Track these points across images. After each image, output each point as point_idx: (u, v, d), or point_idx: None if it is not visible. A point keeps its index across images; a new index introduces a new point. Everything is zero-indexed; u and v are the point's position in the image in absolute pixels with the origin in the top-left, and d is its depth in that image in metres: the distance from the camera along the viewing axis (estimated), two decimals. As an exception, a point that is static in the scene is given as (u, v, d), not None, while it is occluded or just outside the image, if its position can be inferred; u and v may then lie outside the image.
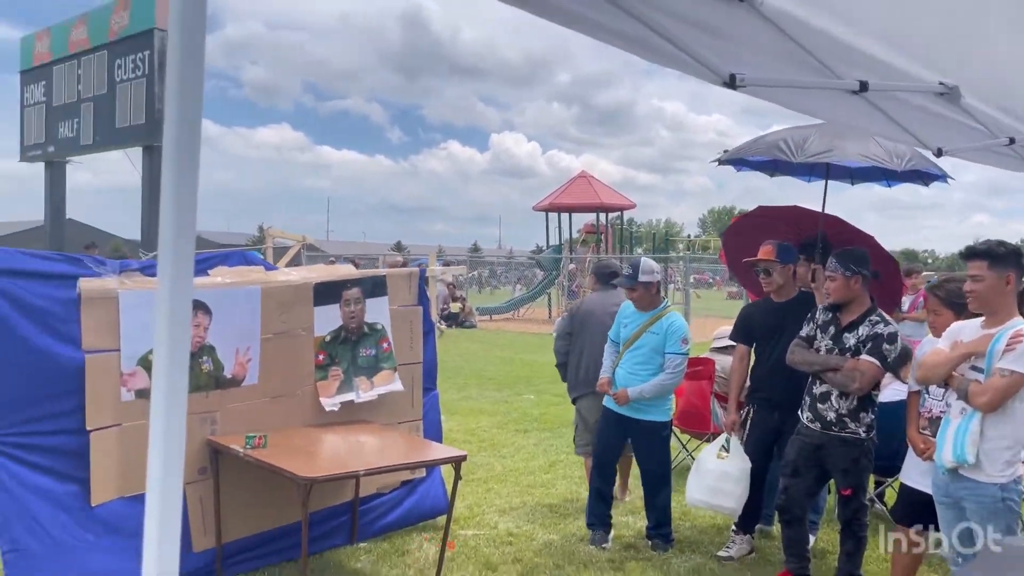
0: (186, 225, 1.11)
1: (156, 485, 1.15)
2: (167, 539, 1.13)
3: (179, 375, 1.14)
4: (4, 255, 3.82)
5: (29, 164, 15.58)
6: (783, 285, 4.87)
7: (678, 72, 1.95)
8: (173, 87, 1.12)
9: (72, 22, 13.95)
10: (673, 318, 5.01)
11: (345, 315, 4.85)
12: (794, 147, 5.62)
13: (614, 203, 26.09)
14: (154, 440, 1.15)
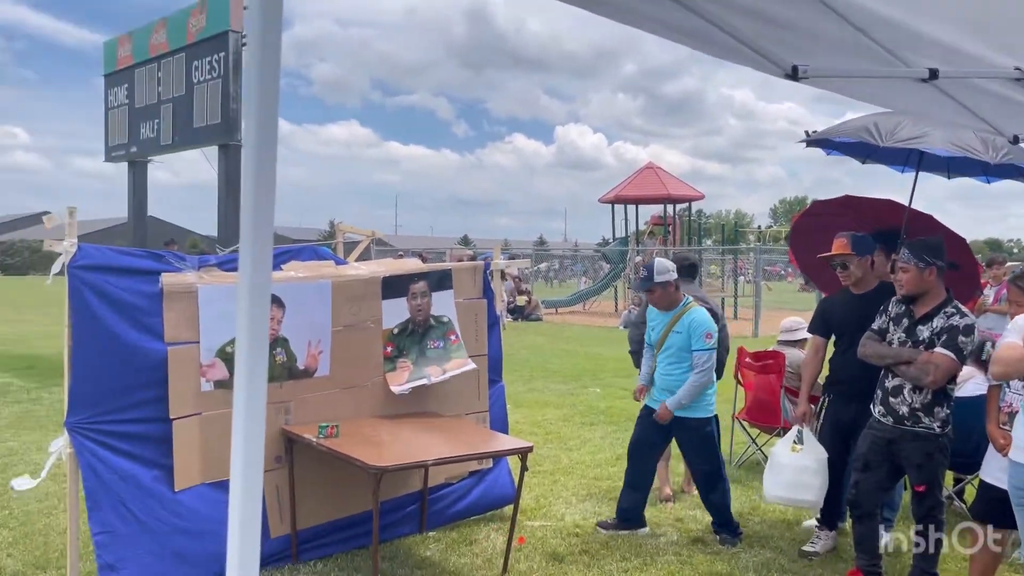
0: (264, 222, 1.18)
1: (238, 471, 1.22)
2: (249, 524, 1.19)
3: (259, 364, 1.20)
4: (94, 252, 4.01)
5: (113, 164, 16.23)
6: (861, 277, 4.77)
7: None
8: (251, 89, 1.19)
9: (152, 26, 14.47)
10: (694, 314, 4.94)
11: (412, 308, 4.95)
12: (883, 132, 5.47)
13: (682, 194, 25.76)
14: (236, 425, 1.21)
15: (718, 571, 4.58)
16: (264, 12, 1.16)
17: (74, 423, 3.92)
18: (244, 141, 1.18)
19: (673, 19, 1.72)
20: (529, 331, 18.42)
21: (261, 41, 1.15)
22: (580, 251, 54.09)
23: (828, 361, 4.99)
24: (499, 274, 5.49)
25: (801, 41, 1.93)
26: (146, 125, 14.63)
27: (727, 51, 1.79)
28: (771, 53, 1.82)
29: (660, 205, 26.24)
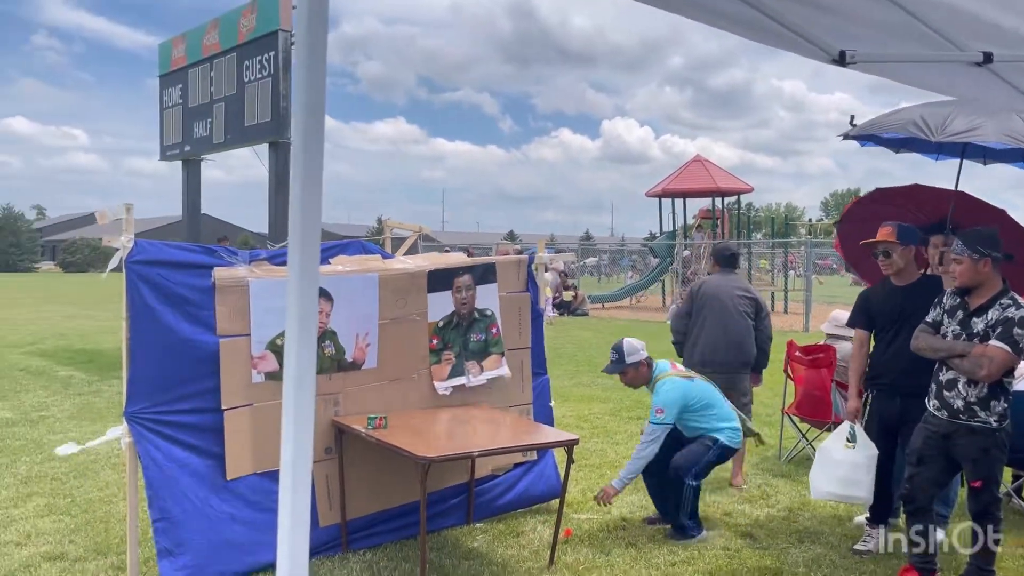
0: (311, 218, 1.20)
1: (288, 461, 1.24)
2: (299, 513, 1.22)
3: (307, 356, 1.23)
4: (149, 247, 4.12)
5: (168, 163, 16.61)
6: (904, 268, 4.66)
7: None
8: (300, 88, 1.21)
9: (204, 27, 14.76)
10: (659, 387, 4.90)
11: (457, 301, 4.99)
12: (933, 126, 5.34)
13: (730, 187, 25.40)
14: (286, 416, 1.24)
15: (767, 566, 4.53)
16: (311, 12, 1.19)
17: (132, 413, 4.04)
18: (292, 139, 1.21)
19: (718, 6, 1.70)
20: (575, 326, 18.39)
21: (308, 41, 1.18)
22: (627, 245, 53.75)
23: (871, 356, 4.89)
24: (542, 268, 5.50)
25: (849, 26, 1.90)
26: (199, 124, 14.93)
27: (773, 37, 1.77)
28: (818, 39, 1.80)
29: (708, 198, 25.92)
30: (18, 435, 7.37)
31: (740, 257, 6.14)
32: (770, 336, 6.14)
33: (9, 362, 12.09)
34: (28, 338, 15.26)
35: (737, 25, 1.72)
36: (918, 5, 1.88)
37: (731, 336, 5.93)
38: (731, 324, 5.95)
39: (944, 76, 2.17)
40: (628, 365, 4.96)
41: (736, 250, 6.36)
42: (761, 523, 5.22)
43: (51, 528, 4.95)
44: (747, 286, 6.34)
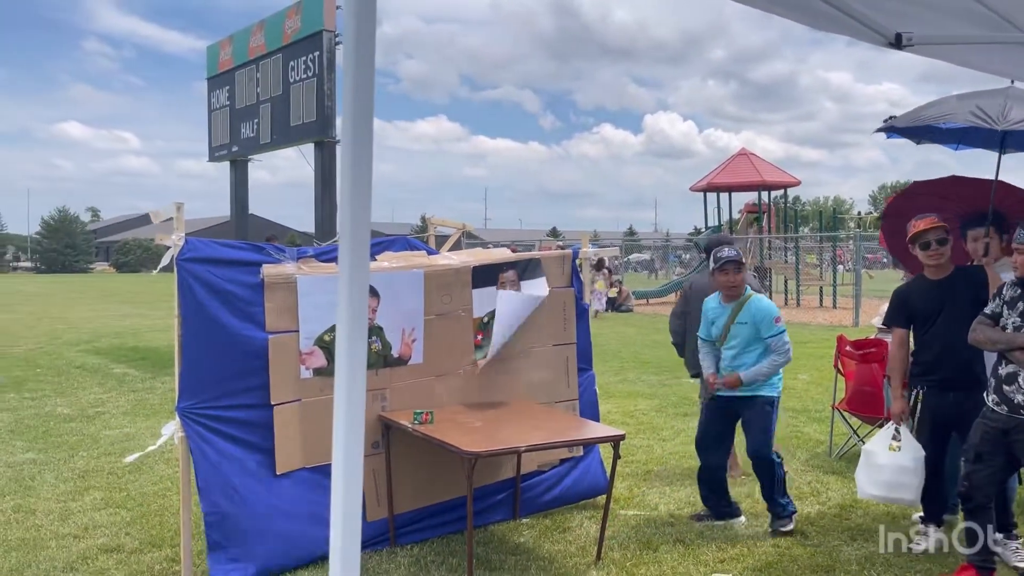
0: (361, 215, 1.20)
1: (340, 452, 1.25)
2: (351, 508, 1.22)
3: (359, 352, 1.23)
4: (200, 245, 4.19)
5: (216, 164, 16.91)
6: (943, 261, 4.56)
7: (843, 38, 1.87)
8: (348, 88, 1.22)
9: (250, 29, 14.99)
10: (756, 302, 4.87)
11: (503, 296, 4.99)
12: (993, 115, 5.21)
13: (777, 180, 25.03)
14: (338, 411, 1.25)
15: (818, 563, 4.45)
16: (359, 12, 1.19)
17: (184, 408, 4.11)
18: (341, 138, 1.21)
19: (770, -9, 1.66)
20: (620, 322, 18.29)
21: (356, 40, 1.18)
22: (671, 241, 53.31)
23: (913, 353, 4.77)
24: (588, 263, 5.47)
25: (906, 7, 1.85)
26: (246, 125, 15.17)
27: (827, 21, 1.72)
28: (873, 21, 1.75)
29: (754, 192, 25.57)
30: (75, 430, 7.57)
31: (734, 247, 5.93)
32: None
33: (67, 360, 12.43)
34: (85, 336, 15.68)
35: (792, 10, 1.68)
36: (978, -15, 1.82)
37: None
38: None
39: (1005, 58, 2.10)
40: (744, 265, 4.91)
41: (721, 242, 6.08)
42: (812, 520, 5.13)
43: (107, 521, 5.08)
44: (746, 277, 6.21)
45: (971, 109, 5.42)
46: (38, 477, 6.04)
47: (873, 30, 1.75)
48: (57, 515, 5.17)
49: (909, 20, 1.84)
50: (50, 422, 7.95)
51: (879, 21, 1.73)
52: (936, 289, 4.56)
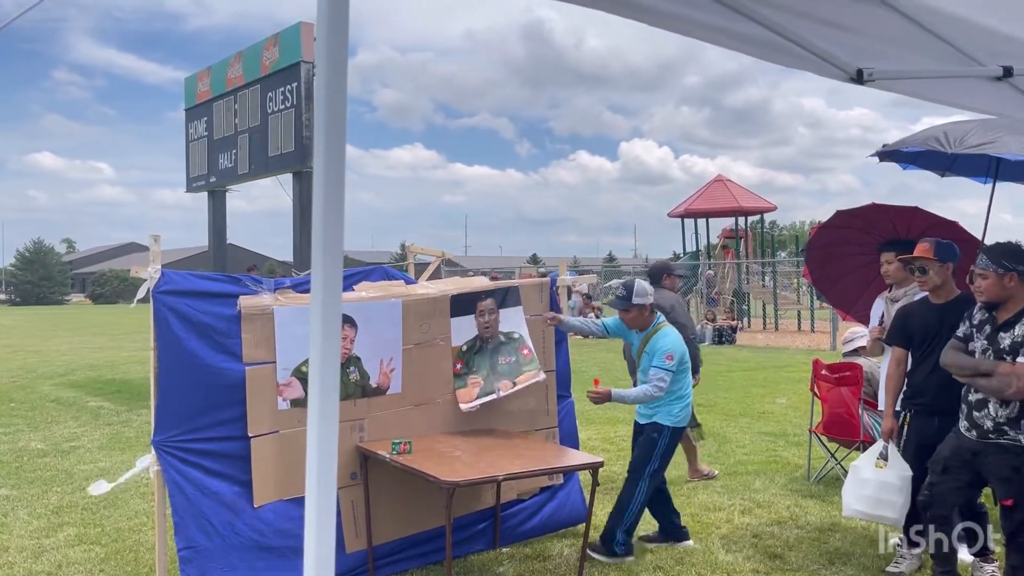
0: (334, 244, 1.22)
1: (313, 483, 1.25)
2: (324, 539, 1.23)
3: (331, 381, 1.25)
4: (176, 277, 4.18)
5: (193, 195, 16.86)
6: (941, 285, 4.60)
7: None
8: (320, 119, 1.24)
9: (228, 60, 15.02)
10: (660, 336, 4.91)
11: (480, 325, 5.00)
12: (952, 139, 5.39)
13: (753, 206, 25.35)
14: (311, 440, 1.25)
15: (799, 589, 4.46)
16: (329, 44, 1.22)
17: (160, 441, 4.07)
18: (314, 169, 1.23)
19: (734, 28, 1.71)
20: (599, 347, 18.31)
21: (328, 73, 1.20)
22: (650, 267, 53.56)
23: (907, 374, 4.82)
24: (565, 290, 5.50)
25: (867, 44, 1.91)
26: (224, 155, 15.15)
27: (790, 58, 1.77)
28: (835, 58, 1.80)
29: (731, 218, 25.86)
30: (49, 466, 7.46)
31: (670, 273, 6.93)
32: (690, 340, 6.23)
33: (41, 394, 12.25)
34: (59, 370, 15.47)
35: (753, 46, 1.73)
36: (935, 22, 1.89)
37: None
38: None
39: (963, 92, 2.17)
40: (634, 304, 4.91)
41: (661, 268, 6.95)
42: (791, 544, 5.15)
43: (81, 558, 4.99)
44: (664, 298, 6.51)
45: (936, 135, 5.59)
46: (11, 514, 5.94)
47: (835, 66, 1.80)
48: (30, 552, 5.08)
49: (870, 56, 1.90)
50: (23, 457, 7.82)
51: (840, 57, 1.79)
52: (936, 313, 4.57)
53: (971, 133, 5.41)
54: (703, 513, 5.82)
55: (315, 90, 1.26)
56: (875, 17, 1.79)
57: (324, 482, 1.17)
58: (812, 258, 6.39)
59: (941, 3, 1.85)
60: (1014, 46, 2.09)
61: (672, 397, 4.92)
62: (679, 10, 1.58)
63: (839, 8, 1.73)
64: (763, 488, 6.49)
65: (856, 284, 6.10)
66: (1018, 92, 2.25)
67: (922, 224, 5.33)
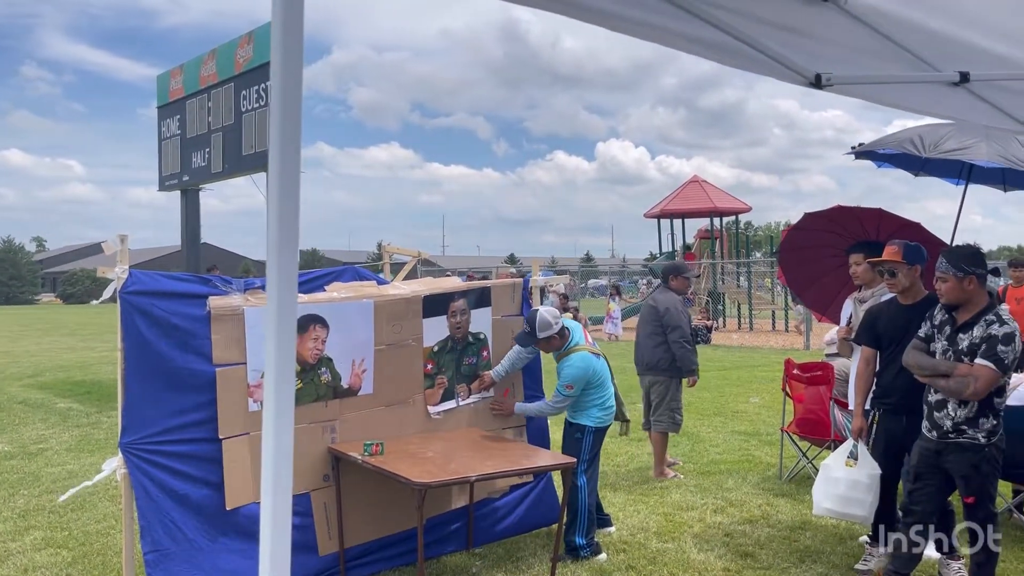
0: (289, 243, 1.22)
1: (269, 483, 1.25)
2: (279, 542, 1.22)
3: (287, 386, 1.24)
4: (143, 277, 4.14)
5: (166, 193, 16.68)
6: (909, 287, 4.67)
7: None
8: (276, 115, 1.24)
9: (202, 58, 14.88)
10: (567, 362, 4.99)
11: (452, 326, 5.01)
12: (927, 143, 5.48)
13: (728, 207, 25.57)
14: (266, 443, 1.25)
15: (768, 587, 4.51)
16: (285, 41, 1.21)
17: (127, 444, 4.03)
18: (269, 169, 1.23)
19: (694, 33, 1.73)
20: (576, 348, 18.39)
21: (283, 69, 1.20)
22: (628, 267, 53.82)
23: (876, 374, 4.88)
24: (538, 291, 5.52)
25: (824, 49, 1.93)
26: (198, 154, 15.01)
27: (749, 62, 1.79)
28: (793, 63, 1.82)
29: (707, 218, 26.05)
30: (16, 468, 7.36)
31: (679, 273, 7.25)
32: (677, 341, 6.81)
33: (8, 395, 12.08)
34: (28, 371, 15.26)
35: (714, 51, 1.74)
36: (892, 28, 1.91)
37: (639, 342, 7.13)
38: (640, 333, 7.13)
39: (922, 97, 2.20)
40: (539, 340, 4.96)
41: (670, 269, 7.33)
42: (762, 543, 5.20)
43: (48, 562, 4.93)
44: (658, 299, 7.10)
45: (911, 137, 5.69)
46: (-24, 518, 5.85)
47: (794, 71, 1.82)
48: (-5, 557, 5.02)
49: (829, 61, 1.92)
50: (-10, 460, 7.71)
51: (799, 62, 1.81)
52: (904, 314, 4.63)
53: (946, 138, 5.51)
54: (676, 512, 5.86)
55: (271, 91, 1.25)
56: (833, 23, 1.82)
57: (280, 487, 1.17)
58: (785, 260, 6.46)
59: (898, 9, 1.88)
60: (970, 52, 2.13)
61: (591, 406, 5.05)
62: (638, 15, 1.60)
63: (797, 14, 1.75)
64: (735, 487, 6.54)
65: (831, 286, 6.18)
66: (975, 98, 2.28)
67: (889, 226, 5.41)
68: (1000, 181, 6.93)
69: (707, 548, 5.09)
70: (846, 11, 1.81)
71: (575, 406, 5.09)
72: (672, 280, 7.13)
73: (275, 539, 1.13)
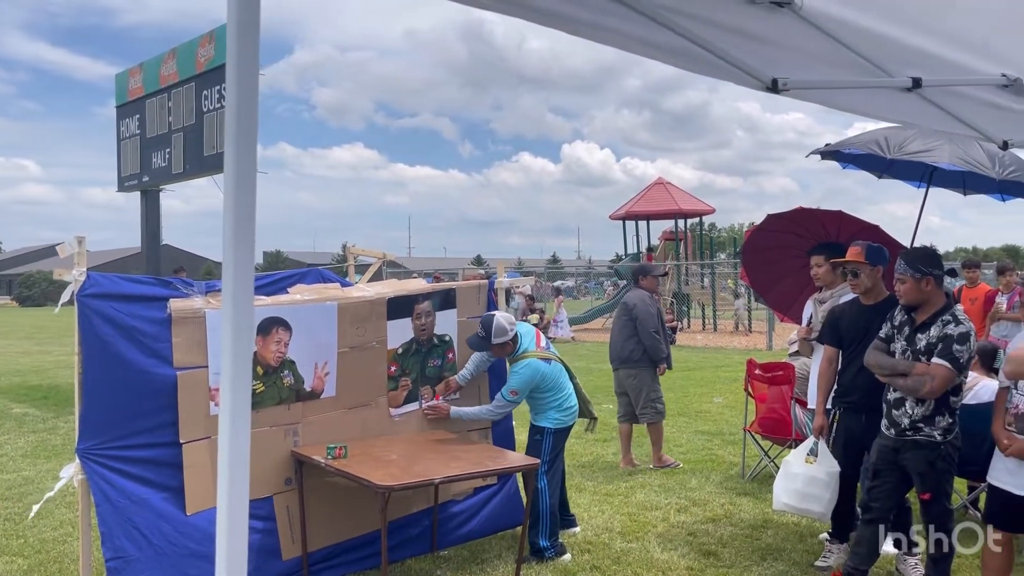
0: (245, 247, 1.21)
1: (224, 486, 1.24)
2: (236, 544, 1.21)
3: (243, 389, 1.23)
4: (101, 279, 4.07)
5: (126, 194, 16.41)
6: (872, 287, 4.75)
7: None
8: (231, 116, 1.23)
9: (162, 57, 14.66)
10: (515, 369, 4.99)
11: (416, 328, 4.99)
12: (892, 145, 5.58)
13: (693, 209, 25.79)
14: (221, 445, 1.24)
15: (730, 585, 4.56)
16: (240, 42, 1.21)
17: (85, 449, 3.96)
18: (224, 172, 1.22)
19: (650, 37, 1.75)
20: (542, 349, 18.44)
21: (237, 71, 1.19)
22: (594, 268, 54.05)
23: (838, 374, 4.96)
24: (503, 292, 5.52)
25: (780, 54, 1.96)
26: (158, 154, 14.77)
27: (705, 66, 1.82)
28: (750, 67, 1.85)
29: (671, 220, 26.26)
30: (-30, 475, 7.18)
31: (647, 273, 7.69)
32: (646, 332, 7.18)
33: (-38, 400, 11.78)
34: (-18, 375, 14.90)
35: (670, 55, 1.76)
36: (844, 33, 1.95)
37: (613, 339, 7.51)
38: (614, 330, 7.54)
39: (875, 102, 2.25)
40: (493, 345, 4.95)
41: (640, 269, 7.86)
42: (725, 541, 5.26)
43: (3, 570, 4.82)
44: (629, 297, 7.50)
45: (877, 139, 5.80)
46: (-73, 526, 5.70)
47: (750, 75, 1.85)
48: (-53, 566, 4.90)
49: (784, 66, 1.95)
50: (-58, 467, 7.51)
51: (755, 67, 1.84)
52: (865, 314, 4.71)
53: (911, 139, 5.62)
54: (640, 512, 5.90)
55: (227, 93, 1.24)
56: (789, 28, 1.85)
57: (235, 491, 1.16)
58: (748, 261, 6.55)
59: (851, 15, 1.92)
60: (922, 58, 2.17)
61: (551, 407, 5.08)
62: (596, 19, 1.61)
63: (754, 19, 1.78)
64: (699, 487, 6.61)
65: (792, 287, 6.27)
66: (927, 103, 2.34)
67: (849, 228, 5.51)
68: (960, 185, 7.09)
69: (671, 547, 5.14)
70: (801, 16, 1.84)
71: (535, 409, 5.11)
72: (642, 280, 7.55)
73: (231, 541, 1.13)
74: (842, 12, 1.93)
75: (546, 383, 5.03)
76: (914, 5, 2.10)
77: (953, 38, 2.23)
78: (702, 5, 1.73)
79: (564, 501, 5.43)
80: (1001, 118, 2.56)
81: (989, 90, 2.42)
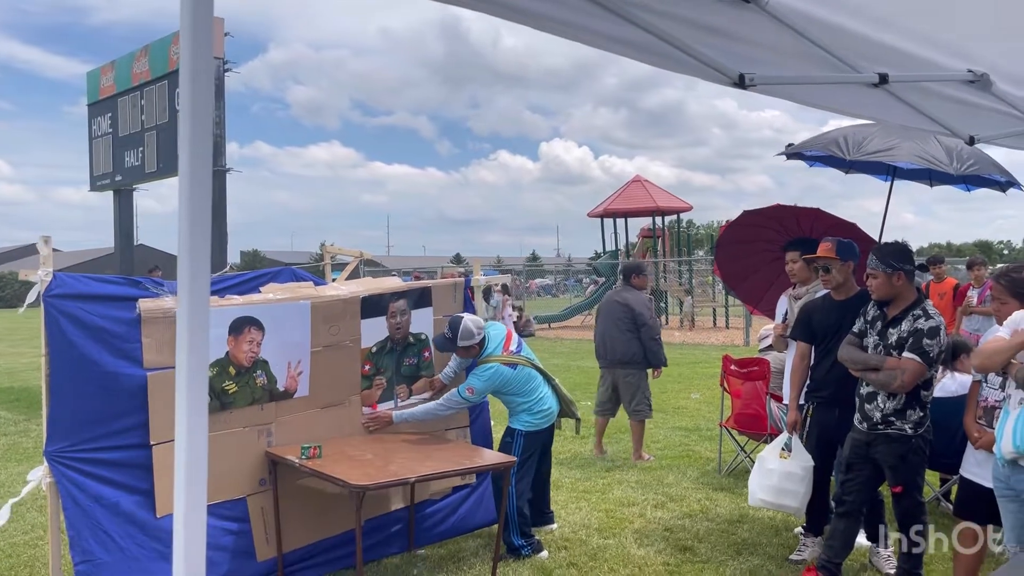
0: (200, 244, 1.19)
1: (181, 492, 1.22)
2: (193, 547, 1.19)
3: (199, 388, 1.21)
4: (69, 280, 4.00)
5: (99, 193, 16.21)
6: (843, 283, 4.79)
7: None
8: (185, 116, 1.21)
9: (134, 55, 14.49)
10: (477, 370, 4.95)
11: (391, 326, 4.96)
12: (851, 145, 5.62)
13: (670, 206, 25.87)
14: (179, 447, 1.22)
15: (706, 580, 4.58)
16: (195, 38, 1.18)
17: (53, 452, 3.90)
18: (179, 169, 1.20)
19: (618, 33, 1.74)
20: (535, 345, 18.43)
21: (192, 68, 1.17)
22: (573, 266, 54.15)
23: (811, 369, 4.99)
24: (480, 290, 5.51)
25: (748, 50, 1.96)
26: (130, 153, 14.61)
27: (672, 62, 1.81)
28: (717, 63, 1.85)
29: (649, 218, 26.34)
30: (-62, 480, 7.06)
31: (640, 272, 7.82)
32: (651, 338, 7.38)
33: (-69, 403, 11.59)
34: (-48, 378, 14.66)
35: (638, 51, 1.76)
36: (812, 29, 1.96)
37: (607, 338, 7.48)
38: (608, 329, 7.48)
39: (842, 97, 2.26)
40: (459, 347, 4.93)
41: (631, 268, 7.92)
42: (701, 537, 5.28)
43: (-29, 576, 4.75)
44: (627, 297, 7.49)
45: (836, 139, 5.86)
46: None
47: (718, 71, 1.85)
48: (-87, 573, 4.81)
49: (752, 62, 1.95)
50: (-91, 472, 7.38)
51: (722, 63, 1.84)
52: (838, 309, 4.74)
53: (870, 139, 5.66)
54: (617, 509, 5.91)
55: (180, 96, 1.22)
56: (756, 24, 1.85)
57: (193, 493, 1.14)
58: (721, 255, 6.59)
59: (818, 11, 1.92)
60: (889, 54, 2.18)
61: (521, 410, 5.07)
62: (565, 15, 1.60)
63: (721, 15, 1.78)
64: (676, 482, 6.63)
65: (763, 280, 6.31)
66: (894, 98, 2.35)
67: (824, 225, 5.54)
68: (926, 177, 7.17)
69: (647, 543, 5.15)
70: (768, 12, 1.84)
71: (509, 411, 5.11)
72: (634, 278, 7.66)
73: (188, 547, 1.11)
74: (809, 8, 1.94)
75: (509, 387, 4.99)
76: (880, 2, 2.11)
77: (918, 35, 2.25)
78: (670, 1, 1.72)
79: (545, 498, 5.42)
80: (967, 113, 2.58)
81: (955, 86, 2.44)
